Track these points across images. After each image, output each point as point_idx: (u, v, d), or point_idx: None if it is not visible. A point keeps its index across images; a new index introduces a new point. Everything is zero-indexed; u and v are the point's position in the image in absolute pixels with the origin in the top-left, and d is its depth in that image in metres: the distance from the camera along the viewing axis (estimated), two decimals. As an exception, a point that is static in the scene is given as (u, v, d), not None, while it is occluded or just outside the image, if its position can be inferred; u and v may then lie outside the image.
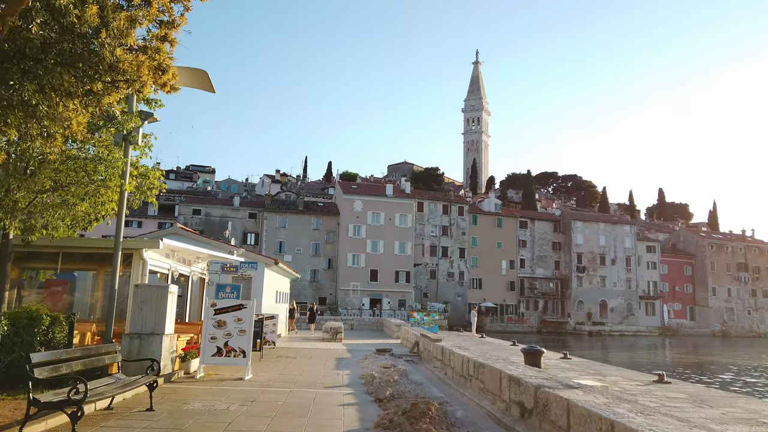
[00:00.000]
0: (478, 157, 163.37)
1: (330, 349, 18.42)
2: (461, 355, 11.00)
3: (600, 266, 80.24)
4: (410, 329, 20.96)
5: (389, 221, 66.23)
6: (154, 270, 11.82)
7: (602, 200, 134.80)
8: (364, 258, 64.89)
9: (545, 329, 75.09)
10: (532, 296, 77.69)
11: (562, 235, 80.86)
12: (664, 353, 51.98)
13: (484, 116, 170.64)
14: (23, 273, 12.82)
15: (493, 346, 24.23)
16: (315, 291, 65.32)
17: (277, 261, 20.68)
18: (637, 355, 46.52)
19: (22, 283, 14.75)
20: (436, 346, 14.07)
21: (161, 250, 11.73)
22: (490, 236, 76.06)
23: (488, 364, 9.04)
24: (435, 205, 73.97)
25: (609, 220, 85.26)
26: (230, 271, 18.04)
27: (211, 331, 10.51)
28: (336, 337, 22.42)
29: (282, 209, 66.82)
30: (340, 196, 68.48)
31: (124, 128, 10.26)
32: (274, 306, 23.29)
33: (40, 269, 12.17)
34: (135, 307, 10.22)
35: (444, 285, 72.66)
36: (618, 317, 80.00)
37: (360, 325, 35.93)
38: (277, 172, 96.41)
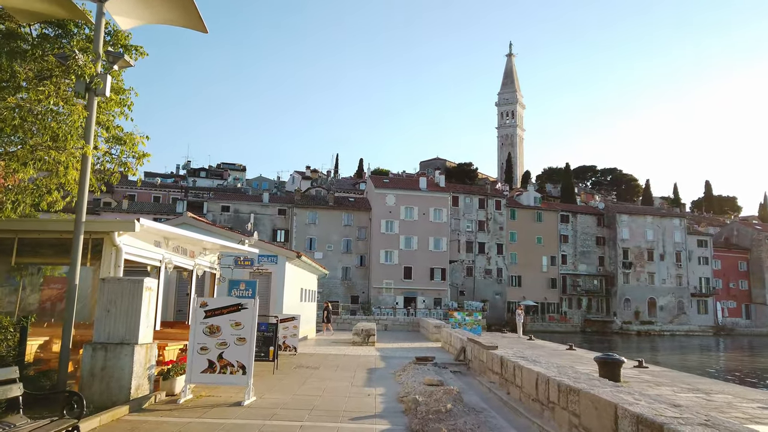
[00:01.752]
0: (513, 151, 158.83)
1: (360, 355, 15.77)
2: (533, 371, 8.17)
3: (648, 262, 75.55)
4: (453, 332, 18.15)
5: (423, 216, 63.30)
6: (135, 260, 9.34)
7: (645, 194, 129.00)
8: (397, 255, 62.16)
9: (589, 329, 71.06)
10: (575, 294, 73.64)
11: (607, 230, 76.47)
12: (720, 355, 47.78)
13: (518, 110, 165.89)
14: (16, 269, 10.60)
15: (546, 350, 21.22)
16: (347, 289, 62.95)
17: (300, 254, 18.12)
18: (700, 358, 42.60)
19: (22, 281, 12.69)
20: (491, 355, 11.25)
21: (142, 234, 9.24)
22: (529, 231, 72.35)
23: (585, 389, 6.21)
24: (470, 199, 70.71)
25: (657, 213, 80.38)
26: (245, 265, 15.58)
27: (201, 340, 7.95)
28: (368, 341, 19.77)
29: (312, 205, 64.66)
30: (371, 190, 65.91)
31: (85, 73, 7.76)
32: (298, 306, 20.79)
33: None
34: (100, 309, 7.74)
35: (481, 282, 69.38)
36: (668, 316, 75.21)
37: (394, 325, 33.25)
38: (308, 168, 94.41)
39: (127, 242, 8.72)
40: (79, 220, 7.83)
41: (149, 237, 9.91)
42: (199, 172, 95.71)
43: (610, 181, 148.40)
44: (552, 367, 8.50)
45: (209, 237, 11.62)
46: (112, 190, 64.89)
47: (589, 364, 15.69)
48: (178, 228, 11.42)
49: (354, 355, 15.61)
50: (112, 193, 64.91)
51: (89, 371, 7.45)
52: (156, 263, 10.48)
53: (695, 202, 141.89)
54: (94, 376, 7.43)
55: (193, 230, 15.06)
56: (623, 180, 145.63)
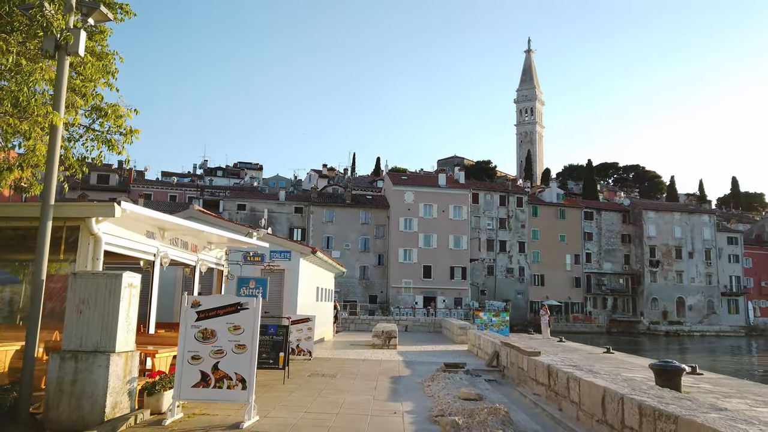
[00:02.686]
0: (532, 148, 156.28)
1: (382, 360, 14.32)
2: (598, 386, 6.65)
3: (676, 260, 72.97)
4: (482, 334, 16.61)
5: (442, 213, 61.67)
6: (122, 253, 8.01)
7: (670, 190, 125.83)
8: (416, 253, 60.61)
9: (615, 329, 68.81)
10: (600, 293, 71.37)
11: (632, 227, 74.04)
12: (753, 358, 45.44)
13: (537, 106, 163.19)
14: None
15: (582, 354, 19.56)
16: (365, 289, 61.59)
17: (316, 249, 16.74)
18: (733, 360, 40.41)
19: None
20: (535, 363, 9.71)
21: (129, 222, 7.90)
22: (552, 229, 70.28)
23: (685, 416, 4.69)
24: (491, 196, 68.88)
25: (684, 209, 77.67)
26: (254, 261, 14.23)
27: (193, 347, 6.57)
28: (389, 344, 18.32)
29: (329, 203, 63.42)
30: (389, 188, 64.46)
31: (52, 25, 6.43)
32: (313, 306, 19.40)
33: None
34: (71, 309, 6.41)
35: (503, 282, 67.52)
36: (697, 316, 72.55)
37: (415, 326, 31.76)
38: (324, 166, 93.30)
39: (109, 231, 7.38)
40: (46, 203, 6.51)
41: (139, 226, 8.58)
42: (216, 171, 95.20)
43: (632, 178, 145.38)
44: (618, 380, 6.97)
45: (210, 228, 10.25)
46: (128, 189, 64.38)
47: (636, 371, 14.06)
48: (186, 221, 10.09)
49: (375, 360, 14.17)
50: (128, 193, 64.37)
51: (56, 386, 6.11)
52: (149, 257, 9.15)
53: (721, 198, 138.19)
54: (62, 392, 6.10)
55: (200, 224, 13.76)
56: (646, 177, 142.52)
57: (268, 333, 9.84)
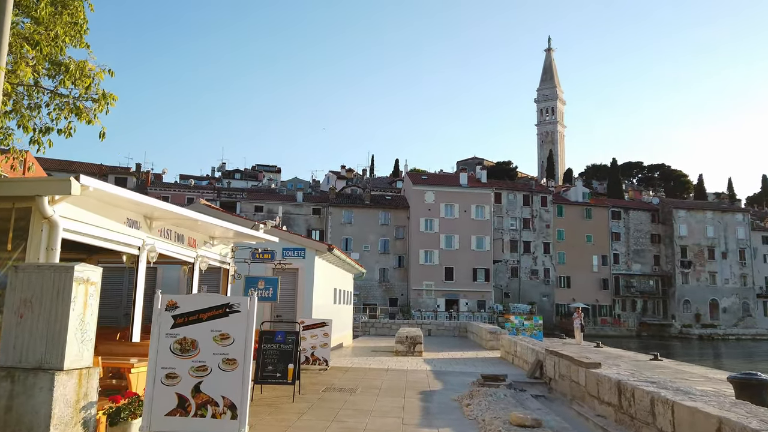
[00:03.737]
0: (553, 148, 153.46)
1: (407, 370, 12.66)
2: (701, 412, 4.93)
3: (708, 260, 69.99)
4: (519, 341, 14.87)
5: (464, 213, 59.79)
6: (88, 243, 6.49)
7: (698, 189, 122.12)
8: (437, 254, 58.80)
9: (645, 333, 66.10)
10: (629, 295, 68.72)
11: (662, 226, 71.26)
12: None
13: (558, 106, 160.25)
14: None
15: (626, 360, 17.68)
16: (385, 292, 59.96)
17: (332, 247, 15.17)
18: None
19: None
20: (595, 377, 7.98)
21: (98, 205, 6.39)
22: (577, 229, 67.88)
23: None
24: (514, 195, 66.79)
25: (717, 207, 74.57)
26: (264, 258, 12.70)
27: (167, 362, 5.00)
28: (413, 350, 16.66)
29: (347, 204, 61.98)
30: (409, 188, 62.81)
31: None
32: (331, 308, 17.84)
33: None
34: (8, 314, 4.90)
35: (527, 284, 65.32)
36: (732, 319, 69.45)
37: (439, 330, 30.04)
38: (343, 167, 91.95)
39: (70, 215, 5.86)
40: (-21, 176, 5.02)
41: (117, 212, 7.06)
42: (234, 174, 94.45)
43: (658, 177, 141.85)
44: (726, 405, 5.24)
45: (205, 217, 8.70)
46: (145, 192, 63.75)
47: (701, 383, 12.23)
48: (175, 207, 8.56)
49: (399, 370, 12.51)
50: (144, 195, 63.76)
51: (-16, 415, 4.60)
52: (132, 250, 7.63)
53: (751, 197, 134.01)
54: (-7, 422, 4.58)
55: (197, 214, 12.24)
56: (672, 176, 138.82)
57: (274, 341, 8.27)
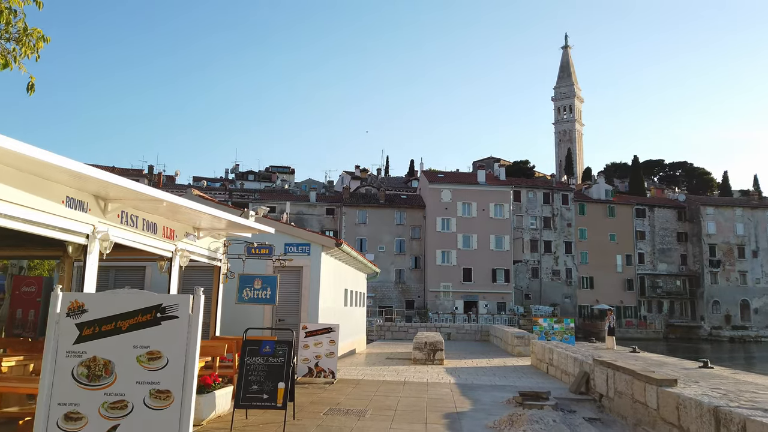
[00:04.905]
0: (571, 147, 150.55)
1: (428, 383, 10.87)
2: None
3: (738, 259, 67.05)
4: (555, 347, 13.01)
5: (482, 212, 57.77)
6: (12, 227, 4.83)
7: (723, 186, 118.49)
8: (455, 255, 56.84)
9: (673, 335, 63.47)
10: (655, 296, 66.06)
11: (689, 224, 68.49)
12: None
13: (576, 104, 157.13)
14: None
15: (672, 368, 15.69)
16: (401, 293, 58.16)
17: (341, 242, 13.43)
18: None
19: None
20: (675, 399, 6.12)
21: (17, 177, 4.73)
22: (600, 227, 65.44)
23: None
24: (534, 193, 64.61)
25: (747, 204, 71.54)
26: (261, 254, 11.02)
27: (67, 394, 3.28)
28: (433, 358, 14.86)
29: (361, 203, 60.31)
30: (425, 186, 60.97)
31: None
32: (340, 311, 16.12)
33: None
34: None
35: (548, 285, 63.06)
36: (764, 320, 66.41)
37: (459, 334, 28.15)
38: (357, 168, 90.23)
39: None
40: None
41: (53, 189, 5.38)
42: (247, 175, 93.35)
43: (679, 175, 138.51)
44: None
45: (175, 198, 6.99)
46: (157, 193, 62.81)
47: None
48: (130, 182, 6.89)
49: (418, 383, 10.73)
50: (156, 197, 62.79)
51: None
52: (77, 239, 5.96)
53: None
54: None
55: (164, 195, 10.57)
56: (695, 174, 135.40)
57: (261, 353, 6.54)
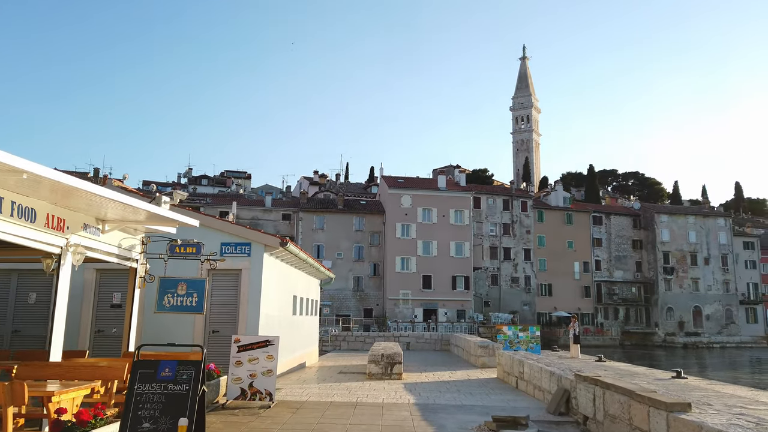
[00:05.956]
0: (529, 156, 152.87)
1: (383, 404, 9.32)
2: None
3: (691, 266, 68.34)
4: (526, 359, 11.70)
5: (443, 218, 56.80)
6: None
7: (674, 196, 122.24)
8: (414, 261, 55.62)
9: (628, 341, 63.93)
10: (611, 303, 66.54)
11: (644, 232, 69.46)
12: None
13: (533, 114, 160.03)
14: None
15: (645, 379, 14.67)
16: (359, 301, 56.49)
17: (287, 240, 11.77)
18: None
19: None
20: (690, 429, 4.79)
21: None
22: (558, 234, 65.56)
23: None
24: (494, 200, 64.18)
25: (699, 212, 73.18)
26: (186, 253, 9.28)
27: None
28: (391, 372, 13.34)
29: (319, 208, 58.48)
30: (384, 192, 59.64)
31: None
32: (290, 321, 14.42)
33: None
34: None
35: (508, 292, 62.58)
36: (715, 326, 67.77)
37: (419, 343, 26.76)
38: (315, 173, 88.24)
39: None
40: None
41: None
42: (201, 179, 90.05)
43: (632, 185, 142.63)
44: None
45: (40, 168, 5.23)
46: (101, 196, 59.31)
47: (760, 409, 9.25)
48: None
49: (372, 405, 9.17)
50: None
51: None
52: None
53: (725, 204, 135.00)
54: None
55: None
56: (647, 183, 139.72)
57: (158, 378, 4.88)
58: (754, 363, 48.83)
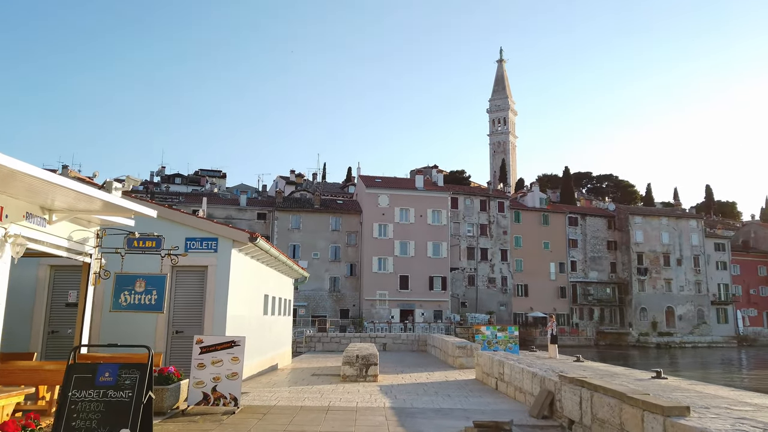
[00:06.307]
0: (505, 158, 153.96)
1: (357, 409, 8.78)
2: None
3: (664, 267, 69.21)
4: (507, 359, 11.28)
5: (420, 218, 56.47)
6: None
7: (647, 198, 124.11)
8: (391, 262, 55.15)
9: (603, 342, 64.45)
10: (586, 303, 66.98)
11: (618, 233, 70.13)
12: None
13: (510, 116, 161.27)
14: None
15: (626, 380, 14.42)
16: (335, 302, 55.78)
17: (257, 236, 11.15)
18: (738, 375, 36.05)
19: None
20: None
21: None
22: (535, 235, 65.77)
23: None
24: (471, 200, 64.07)
25: (672, 214, 74.24)
26: (145, 247, 8.61)
27: None
28: (366, 374, 12.80)
29: (295, 208, 57.61)
30: (362, 191, 59.06)
31: None
32: (261, 321, 13.79)
33: None
34: None
35: (485, 293, 62.50)
36: (687, 326, 68.73)
37: (395, 344, 26.25)
38: (292, 172, 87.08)
39: None
40: None
41: None
42: (174, 178, 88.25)
43: (606, 187, 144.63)
44: None
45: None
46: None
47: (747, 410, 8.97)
48: None
49: (345, 410, 8.62)
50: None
51: None
52: None
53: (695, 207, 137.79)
54: None
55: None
56: (620, 186, 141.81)
57: (96, 383, 4.28)
58: (725, 363, 49.54)
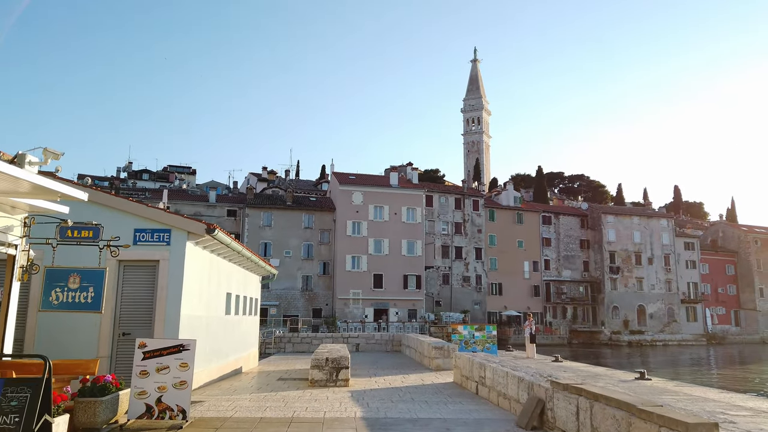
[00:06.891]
0: (479, 158, 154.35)
1: (324, 421, 7.80)
2: None
3: (636, 266, 69.81)
4: (487, 362, 10.40)
5: (395, 216, 55.63)
6: None
7: (618, 198, 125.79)
8: (365, 260, 54.18)
9: (576, 340, 64.61)
10: (560, 302, 67.11)
11: (591, 232, 70.48)
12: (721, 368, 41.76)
13: (484, 116, 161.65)
14: None
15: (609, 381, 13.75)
16: (307, 301, 54.55)
17: (214, 227, 10.09)
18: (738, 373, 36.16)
19: None
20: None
21: None
22: (509, 234, 65.60)
23: None
24: (446, 198, 63.51)
25: (643, 213, 75.00)
26: (81, 238, 7.49)
27: None
28: (336, 378, 11.82)
29: (267, 204, 56.17)
30: (335, 188, 57.94)
31: None
32: (222, 321, 12.69)
33: None
34: None
35: (459, 291, 62.01)
36: (658, 324, 69.47)
37: (369, 344, 25.30)
38: (264, 169, 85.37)
39: None
40: None
41: None
42: (141, 174, 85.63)
43: (578, 187, 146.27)
44: None
45: None
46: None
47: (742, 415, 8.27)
48: None
49: (311, 421, 7.63)
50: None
51: None
52: None
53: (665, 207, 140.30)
54: None
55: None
56: (592, 186, 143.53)
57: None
58: (694, 362, 49.92)
